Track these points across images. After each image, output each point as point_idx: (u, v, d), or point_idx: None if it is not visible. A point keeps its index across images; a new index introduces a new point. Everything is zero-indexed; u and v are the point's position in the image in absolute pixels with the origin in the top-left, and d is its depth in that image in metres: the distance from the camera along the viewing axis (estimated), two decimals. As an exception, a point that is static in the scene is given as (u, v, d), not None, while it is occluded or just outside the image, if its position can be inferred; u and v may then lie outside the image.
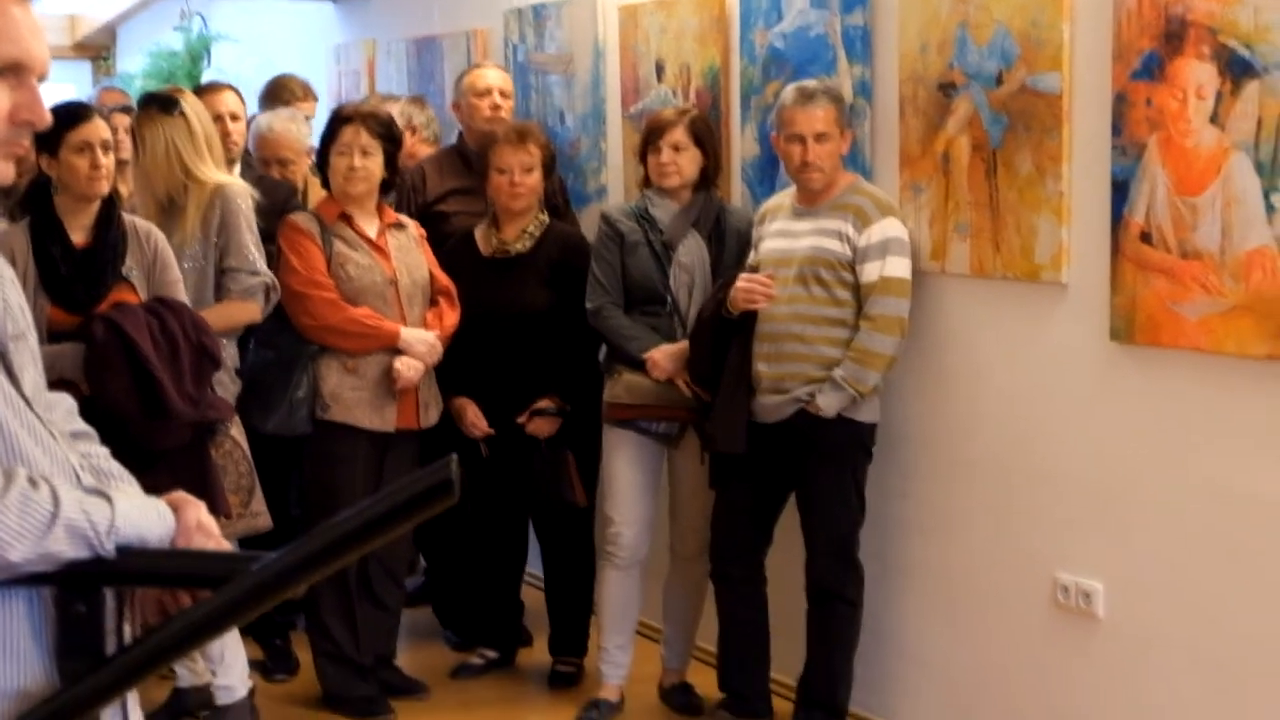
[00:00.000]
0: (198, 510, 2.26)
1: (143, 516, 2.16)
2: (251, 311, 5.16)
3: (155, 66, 9.71)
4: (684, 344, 5.20)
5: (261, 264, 5.20)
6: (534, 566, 6.12)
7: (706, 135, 5.33)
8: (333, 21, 8.73)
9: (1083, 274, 4.38)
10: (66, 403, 2.48)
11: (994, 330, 4.73)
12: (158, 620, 2.25)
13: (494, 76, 6.30)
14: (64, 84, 12.54)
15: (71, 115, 4.78)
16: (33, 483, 2.04)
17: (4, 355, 2.20)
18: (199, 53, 9.63)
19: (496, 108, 6.15)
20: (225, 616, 2.10)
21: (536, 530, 5.88)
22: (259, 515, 4.95)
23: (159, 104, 5.25)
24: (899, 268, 4.80)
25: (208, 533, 2.25)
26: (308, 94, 7.22)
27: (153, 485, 4.48)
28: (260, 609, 2.12)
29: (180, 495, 2.29)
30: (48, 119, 2.19)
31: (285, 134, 6.19)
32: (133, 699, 2.25)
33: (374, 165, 5.35)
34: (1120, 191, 4.24)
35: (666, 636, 5.55)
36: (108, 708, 2.14)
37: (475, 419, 5.52)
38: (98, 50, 12.09)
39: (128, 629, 2.25)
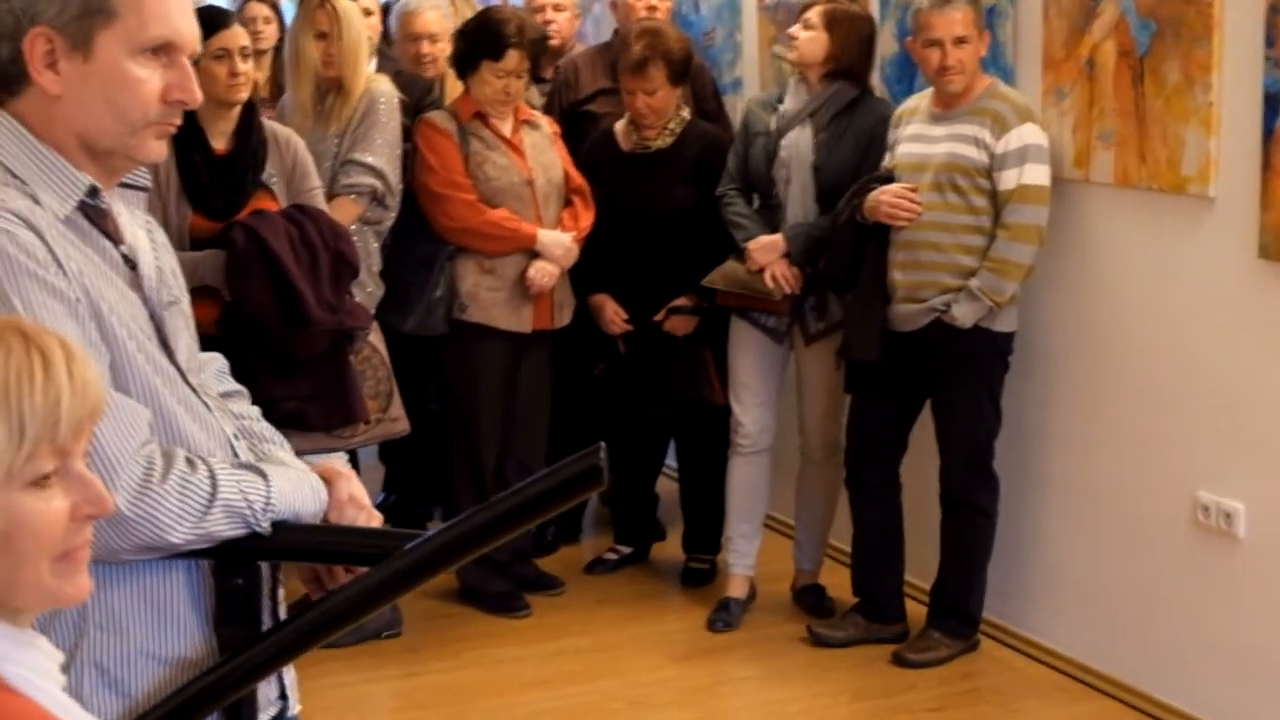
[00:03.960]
0: (349, 482, 2.30)
1: (296, 492, 2.20)
2: (350, 212, 5.13)
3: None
4: (776, 237, 5.17)
5: (384, 164, 5.19)
6: (669, 459, 6.17)
7: (842, 23, 5.19)
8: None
9: (1231, 188, 4.28)
10: (217, 362, 2.53)
11: (1138, 242, 4.65)
12: (312, 590, 2.31)
13: None
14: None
15: (210, 22, 4.79)
16: (190, 464, 2.09)
17: (159, 326, 2.23)
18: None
19: (653, 8, 6.00)
20: (378, 596, 2.15)
21: (674, 427, 5.91)
22: (398, 420, 5.02)
23: None
24: (1038, 175, 4.72)
25: (359, 505, 2.30)
26: None
27: (293, 392, 4.61)
28: (413, 587, 2.16)
29: (332, 467, 2.33)
30: (199, 97, 2.21)
31: (434, 21, 6.07)
32: (288, 669, 2.31)
33: (523, 87, 5.43)
34: (1272, 105, 4.12)
35: (798, 537, 5.58)
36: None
37: (614, 316, 5.55)
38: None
39: (282, 598, 2.31)
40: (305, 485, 2.23)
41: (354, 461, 5.37)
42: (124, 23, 2.13)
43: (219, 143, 4.80)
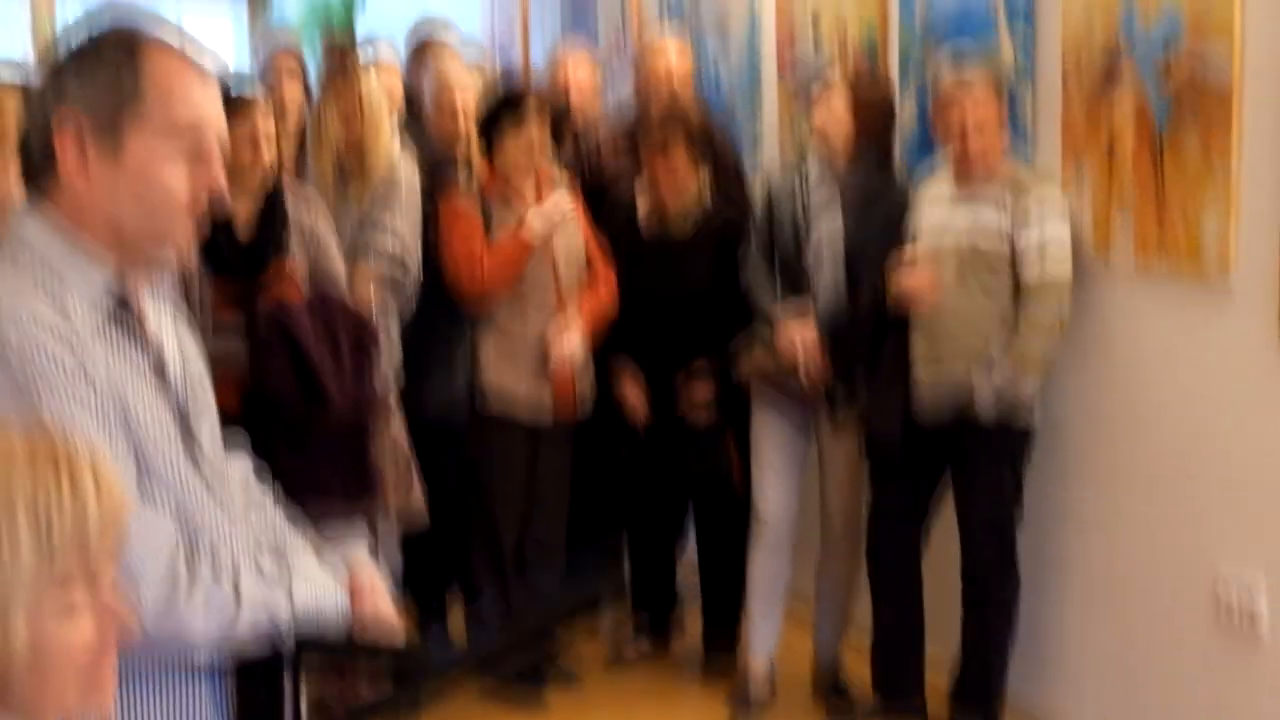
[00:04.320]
0: (370, 573, 2.32)
1: (319, 598, 2.22)
2: (371, 276, 5.15)
3: (311, 9, 9.75)
4: (808, 320, 5.13)
5: (404, 228, 5.22)
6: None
7: (861, 104, 5.22)
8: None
9: (1251, 271, 4.26)
10: (241, 458, 2.54)
11: (1157, 324, 4.63)
12: (332, 688, 2.32)
13: (671, 52, 6.16)
14: (220, 18, 12.68)
15: (232, 103, 4.82)
16: (216, 577, 2.10)
17: (184, 427, 2.24)
18: (353, -6, 9.66)
19: (671, 84, 6.03)
20: (398, 708, 2.16)
21: (694, 508, 5.89)
22: (417, 506, 5.01)
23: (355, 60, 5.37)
24: (1059, 267, 4.72)
25: (382, 619, 2.31)
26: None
27: (314, 475, 4.62)
28: (433, 700, 2.17)
29: (357, 582, 2.34)
30: (225, 185, 2.23)
31: (466, 86, 6.01)
32: None
33: (546, 156, 5.45)
34: (1292, 188, 4.13)
35: (818, 619, 5.54)
36: None
37: (635, 403, 5.54)
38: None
39: (304, 698, 2.33)
40: (329, 598, 2.25)
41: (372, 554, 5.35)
42: (152, 113, 2.15)
43: (242, 221, 4.82)
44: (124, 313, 2.20)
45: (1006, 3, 5.04)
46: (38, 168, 2.18)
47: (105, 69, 2.14)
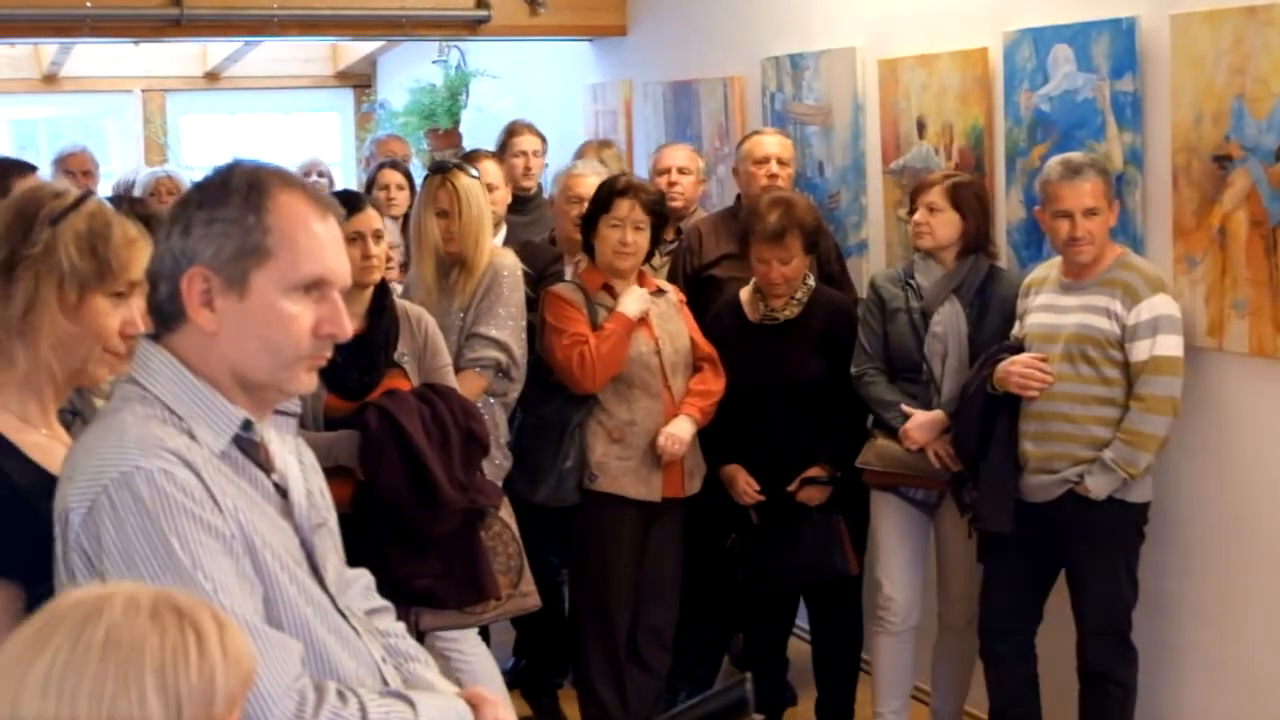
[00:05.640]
0: (495, 709, 2.32)
1: (444, 717, 2.22)
2: (476, 386, 5.21)
3: (416, 102, 9.91)
4: (937, 414, 5.17)
5: (508, 337, 5.27)
6: (800, 619, 6.13)
7: (968, 200, 5.25)
8: (590, 60, 8.83)
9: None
10: (364, 579, 2.57)
11: (1274, 411, 4.61)
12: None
13: (773, 144, 6.22)
14: (328, 112, 12.92)
15: (344, 205, 4.89)
16: (342, 697, 2.13)
17: (309, 551, 2.28)
18: (457, 88, 9.79)
19: (774, 176, 6.09)
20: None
21: (805, 596, 5.88)
22: (528, 595, 5.02)
23: (461, 169, 5.43)
24: (1170, 346, 4.69)
25: (500, 704, 2.32)
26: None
27: (425, 570, 4.64)
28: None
29: (478, 693, 2.36)
30: (348, 331, 2.27)
31: (594, 186, 5.89)
32: None
33: (644, 240, 5.44)
34: None
35: (935, 706, 5.54)
36: None
37: (746, 486, 5.55)
38: (359, 79, 12.40)
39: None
40: (453, 713, 2.27)
41: (484, 631, 5.39)
42: (278, 262, 2.20)
43: (352, 323, 4.86)
44: (249, 441, 2.24)
45: (1113, 99, 5.03)
46: (166, 320, 2.23)
47: (233, 224, 2.18)
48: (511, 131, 7.44)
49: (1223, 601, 4.82)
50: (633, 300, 5.43)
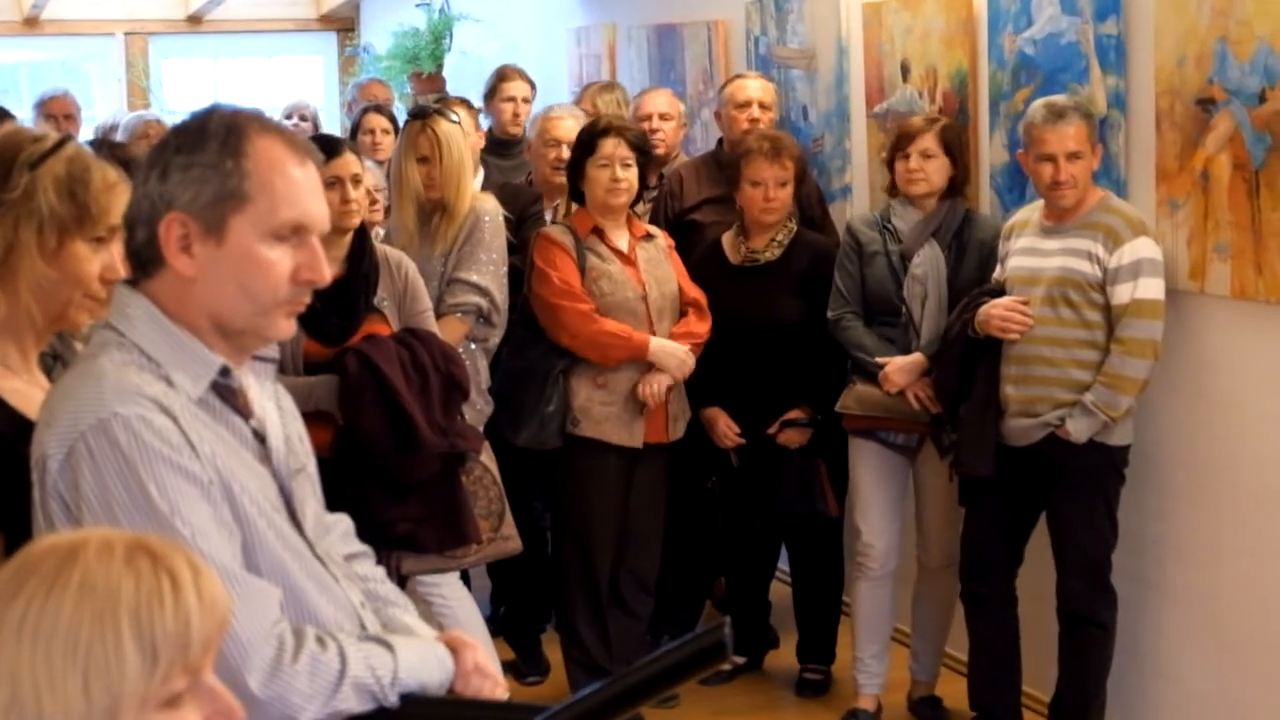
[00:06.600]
0: (475, 652, 2.33)
1: (423, 664, 2.24)
2: (457, 331, 5.19)
3: (399, 46, 9.86)
4: (916, 357, 5.18)
5: (490, 282, 5.25)
6: (781, 562, 6.15)
7: (956, 144, 5.27)
8: (574, 4, 8.79)
9: (1349, 303, 4.24)
10: (344, 524, 2.57)
11: (1254, 353, 4.62)
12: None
13: (754, 88, 6.19)
14: (312, 55, 12.86)
15: (322, 149, 4.86)
16: (321, 642, 2.13)
17: (287, 497, 2.28)
18: (441, 32, 9.75)
19: (755, 120, 6.07)
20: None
21: (786, 538, 5.91)
22: (509, 539, 5.02)
23: (442, 114, 5.39)
24: (1152, 289, 4.69)
25: (485, 674, 2.32)
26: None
27: (406, 514, 4.64)
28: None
29: (458, 636, 2.36)
30: (327, 276, 2.26)
31: (571, 129, 5.94)
32: None
33: (633, 176, 5.42)
34: (1391, 221, 4.09)
35: (915, 648, 5.56)
36: None
37: (727, 429, 5.56)
38: (342, 23, 12.34)
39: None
40: (431, 656, 2.27)
41: (465, 577, 5.40)
42: (256, 207, 2.19)
43: (331, 268, 4.84)
44: (227, 387, 2.24)
45: (1097, 42, 5.02)
46: (143, 265, 2.22)
47: (210, 169, 2.17)
48: (502, 76, 7.41)
49: (1202, 543, 4.84)
50: (666, 355, 5.39)
